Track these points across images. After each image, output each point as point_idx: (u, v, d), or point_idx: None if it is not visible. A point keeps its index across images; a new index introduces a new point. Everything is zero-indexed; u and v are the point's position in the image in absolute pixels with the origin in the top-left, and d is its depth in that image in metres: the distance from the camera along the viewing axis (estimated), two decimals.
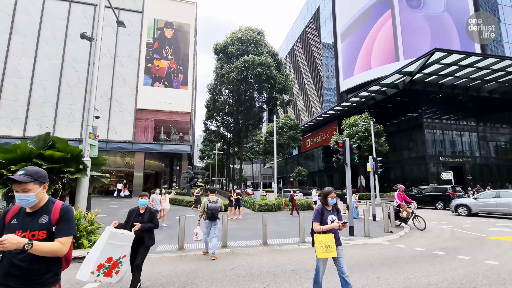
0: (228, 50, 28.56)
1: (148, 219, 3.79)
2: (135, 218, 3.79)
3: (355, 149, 7.78)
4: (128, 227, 3.62)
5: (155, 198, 9.48)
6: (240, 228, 9.12)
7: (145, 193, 4.10)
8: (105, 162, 7.83)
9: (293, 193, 13.74)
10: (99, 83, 22.69)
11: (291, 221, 11.11)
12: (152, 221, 3.81)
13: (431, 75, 25.65)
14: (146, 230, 3.68)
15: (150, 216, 3.85)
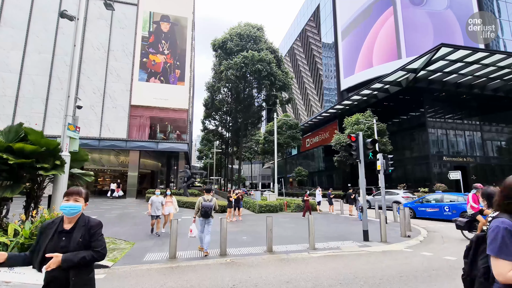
0: (227, 46, 27.73)
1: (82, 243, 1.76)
2: (53, 241, 1.73)
3: (369, 144, 6.96)
4: (35, 261, 1.68)
5: (155, 200, 7.56)
6: (241, 232, 8.26)
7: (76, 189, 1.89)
8: (88, 158, 6.94)
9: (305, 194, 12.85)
10: (91, 78, 21.84)
11: (295, 223, 10.27)
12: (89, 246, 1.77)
13: (436, 72, 25.00)
14: (74, 265, 1.66)
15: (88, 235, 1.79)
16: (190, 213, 13.37)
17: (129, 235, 7.69)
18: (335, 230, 8.53)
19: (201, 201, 5.69)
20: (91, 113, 20.18)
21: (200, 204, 5.67)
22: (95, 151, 22.91)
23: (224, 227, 5.46)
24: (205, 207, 5.62)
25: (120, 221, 10.47)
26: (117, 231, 8.42)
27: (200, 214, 5.70)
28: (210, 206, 5.66)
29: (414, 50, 30.08)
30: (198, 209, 5.73)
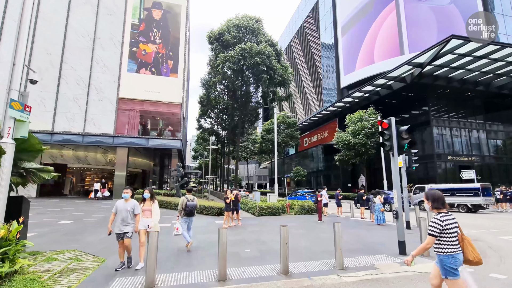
0: (223, 38, 26.17)
1: None
2: None
3: (405, 133, 5.55)
4: None
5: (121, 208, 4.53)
6: (242, 242, 6.75)
7: None
8: (42, 148, 5.33)
9: (318, 194, 11.37)
10: (75, 67, 20.04)
11: (305, 229, 8.81)
12: None
13: (442, 67, 23.96)
14: None
15: None
16: None
17: (103, 247, 6.12)
18: (357, 239, 7.10)
19: (185, 201, 5.92)
20: (74, 106, 18.41)
21: (185, 204, 5.91)
22: (79, 148, 21.11)
23: (223, 241, 3.94)
24: (190, 207, 5.92)
25: (98, 227, 8.85)
26: (91, 241, 6.83)
27: (185, 213, 5.94)
28: (195, 206, 6.02)
29: (417, 46, 29.09)
30: (182, 208, 5.95)
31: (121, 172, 19.16)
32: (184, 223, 5.99)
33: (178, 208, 6.06)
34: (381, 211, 9.63)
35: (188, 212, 5.91)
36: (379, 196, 9.87)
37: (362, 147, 24.41)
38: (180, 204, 5.98)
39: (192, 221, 6.18)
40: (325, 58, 43.10)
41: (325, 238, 7.19)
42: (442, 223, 2.50)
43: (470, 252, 2.50)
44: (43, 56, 18.55)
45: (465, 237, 2.57)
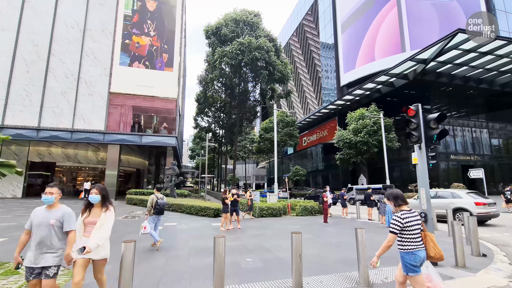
0: (221, 32, 25.30)
1: None
2: None
3: (433, 122, 4.73)
4: None
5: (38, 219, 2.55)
6: (242, 248, 5.87)
7: None
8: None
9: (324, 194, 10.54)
10: (63, 60, 18.99)
11: (310, 233, 7.96)
12: None
13: (446, 63, 23.37)
14: None
15: None
16: (179, 218, 10.88)
17: None
18: (372, 245, 6.26)
19: (155, 199, 5.82)
20: (62, 101, 17.35)
21: (155, 202, 5.80)
22: (69, 145, 20.02)
23: (220, 253, 3.05)
24: (161, 205, 5.85)
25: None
26: None
27: (155, 211, 5.81)
28: (165, 204, 6.00)
29: (419, 43, 28.53)
30: (152, 207, 5.80)
31: (113, 171, 18.13)
32: (153, 221, 5.81)
33: (147, 206, 5.87)
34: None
35: (158, 211, 5.79)
36: None
37: (364, 145, 23.69)
38: (149, 202, 5.79)
39: (160, 220, 6.07)
40: (324, 56, 42.41)
41: (336, 244, 6.35)
42: (402, 220, 2.52)
43: (431, 248, 2.54)
44: (30, 47, 17.48)
45: (428, 234, 2.59)
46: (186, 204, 12.80)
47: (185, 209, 12.71)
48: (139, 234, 5.71)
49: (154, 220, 5.86)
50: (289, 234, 7.61)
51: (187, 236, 7.30)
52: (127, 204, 15.90)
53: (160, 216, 5.99)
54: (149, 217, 5.79)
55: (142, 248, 5.90)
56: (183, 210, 12.78)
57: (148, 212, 5.82)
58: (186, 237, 7.17)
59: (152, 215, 5.81)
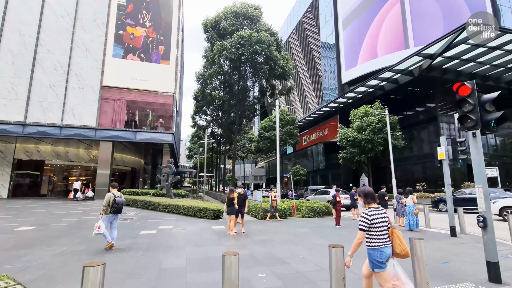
0: (220, 25, 24.32)
1: None
2: None
3: (490, 104, 3.79)
4: None
5: None
6: (250, 259, 4.89)
7: None
8: None
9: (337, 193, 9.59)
10: (52, 51, 17.88)
11: (324, 237, 7.00)
12: None
13: (452, 59, 22.62)
14: None
15: None
16: (175, 221, 9.86)
17: (47, 271, 4.19)
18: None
19: (112, 197, 5.50)
20: (50, 94, 16.22)
21: (112, 200, 5.49)
22: (59, 142, 18.86)
23: (231, 278, 2.06)
24: (120, 203, 5.58)
25: (62, 237, 6.89)
26: (38, 258, 4.89)
27: (112, 210, 5.51)
28: (123, 202, 5.69)
29: (423, 39, 27.83)
30: (108, 205, 5.50)
31: (105, 171, 17.00)
32: (108, 221, 5.49)
33: (103, 205, 5.52)
34: (415, 214, 7.90)
35: (116, 209, 5.48)
36: (412, 196, 8.15)
37: (369, 143, 22.82)
38: (106, 200, 5.45)
39: (117, 219, 5.71)
40: (324, 54, 41.61)
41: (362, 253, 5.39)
42: (369, 217, 2.56)
43: (397, 245, 2.59)
44: (16, 37, 16.32)
45: (395, 231, 2.66)
46: (183, 205, 11.79)
47: (182, 210, 11.70)
48: (92, 235, 5.27)
49: (110, 219, 5.52)
50: (301, 239, 6.67)
51: (184, 242, 6.32)
52: None
53: (117, 215, 5.66)
54: (105, 216, 5.43)
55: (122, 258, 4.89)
56: (180, 212, 11.78)
57: (104, 211, 5.45)
58: (183, 243, 6.18)
59: (108, 214, 5.45)
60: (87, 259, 4.76)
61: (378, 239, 2.55)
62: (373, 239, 2.58)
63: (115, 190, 5.79)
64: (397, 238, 2.62)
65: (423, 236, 7.19)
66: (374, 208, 2.63)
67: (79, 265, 4.44)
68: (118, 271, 4.14)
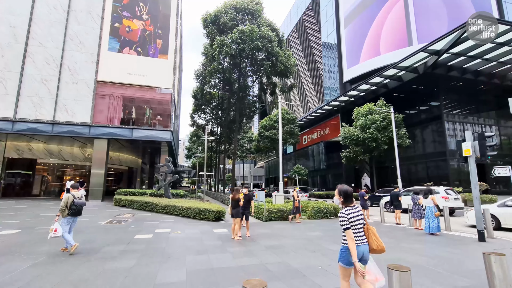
0: (220, 20, 23.58)
1: None
2: None
3: None
4: None
5: None
6: (262, 270, 4.18)
7: None
8: None
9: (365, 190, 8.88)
10: (44, 44, 17.06)
11: (338, 242, 6.29)
12: None
13: (459, 55, 22.06)
14: None
15: None
16: (173, 223, 9.12)
17: (21, 286, 3.47)
18: (435, 262, 4.67)
19: (71, 198, 5.09)
20: (42, 89, 15.41)
21: (70, 201, 5.08)
22: (52, 140, 18.03)
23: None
24: (80, 205, 5.18)
25: (47, 242, 6.15)
26: (8, 271, 4.14)
27: (71, 212, 5.09)
28: (84, 203, 5.30)
29: (426, 36, 27.29)
30: (67, 207, 5.08)
31: (99, 170, 16.17)
32: (67, 224, 5.17)
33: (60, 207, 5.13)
34: (436, 216, 7.23)
35: (75, 211, 5.14)
36: (432, 196, 7.47)
37: (373, 142, 22.20)
38: (64, 201, 5.12)
39: (76, 222, 5.42)
40: (325, 52, 40.99)
41: (399, 262, 4.70)
42: (348, 216, 2.61)
43: (373, 241, 2.64)
44: (5, 29, 15.50)
45: (370, 227, 2.72)
46: (182, 205, 11.07)
47: (181, 212, 10.98)
48: (48, 238, 4.96)
49: (68, 222, 5.18)
50: (314, 245, 5.97)
51: (183, 248, 5.60)
52: (115, 206, 14.07)
53: (76, 218, 5.31)
54: (63, 219, 5.12)
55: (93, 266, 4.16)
56: (179, 213, 11.05)
57: (61, 213, 5.12)
58: (182, 250, 5.46)
59: (66, 217, 5.11)
60: (67, 273, 4.03)
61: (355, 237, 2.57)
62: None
63: (76, 190, 5.40)
64: (373, 234, 2.67)
65: (448, 241, 6.52)
66: (350, 207, 2.68)
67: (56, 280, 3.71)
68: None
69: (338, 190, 2.84)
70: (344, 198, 2.74)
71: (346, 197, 2.73)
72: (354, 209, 2.69)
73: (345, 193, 2.75)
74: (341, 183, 3.16)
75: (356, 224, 2.61)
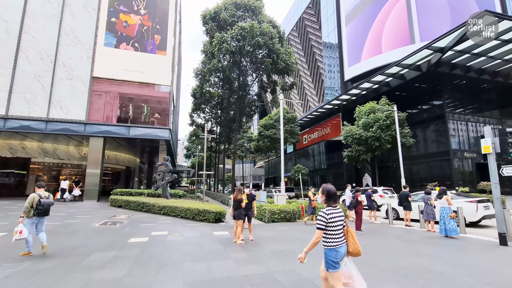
0: (220, 17, 23.08)
1: None
2: None
3: None
4: None
5: None
6: (270, 281, 3.69)
7: None
8: None
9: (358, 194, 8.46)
10: (38, 38, 16.52)
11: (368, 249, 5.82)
12: None
13: (463, 53, 21.63)
14: None
15: None
16: (171, 225, 8.60)
17: None
18: (461, 270, 4.20)
19: (36, 198, 4.88)
20: (35, 85, 14.86)
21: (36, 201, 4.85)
22: (46, 138, 17.47)
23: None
24: (46, 204, 4.93)
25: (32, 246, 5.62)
26: None
27: (36, 213, 4.86)
28: (51, 204, 5.03)
29: (429, 34, 26.92)
30: (32, 207, 4.86)
31: (95, 169, 15.61)
32: (31, 225, 4.91)
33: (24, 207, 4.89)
34: (452, 218, 6.76)
35: (41, 212, 4.90)
36: (447, 196, 7.00)
37: (376, 141, 21.75)
38: (28, 201, 4.88)
39: (44, 223, 5.11)
40: (326, 51, 40.56)
41: (412, 268, 4.22)
42: (327, 216, 2.55)
43: (351, 244, 2.61)
44: None
45: (350, 230, 2.67)
46: (181, 206, 10.56)
47: (179, 213, 10.48)
48: (12, 241, 4.71)
49: (33, 223, 4.92)
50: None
51: (181, 254, 5.10)
52: (110, 206, 13.55)
53: (43, 219, 5.04)
54: (27, 220, 4.86)
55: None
56: (177, 214, 10.55)
57: (26, 213, 4.84)
58: (179, 256, 4.97)
59: (32, 217, 4.86)
60: (47, 286, 3.52)
61: (334, 239, 2.54)
62: (329, 239, 2.56)
63: (42, 190, 5.16)
64: (351, 237, 2.64)
65: (468, 245, 6.04)
66: (331, 207, 2.63)
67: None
68: None
69: (322, 189, 2.80)
70: (326, 197, 2.70)
71: (328, 196, 2.68)
72: (335, 209, 2.63)
73: (328, 192, 2.69)
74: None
75: (336, 225, 2.55)
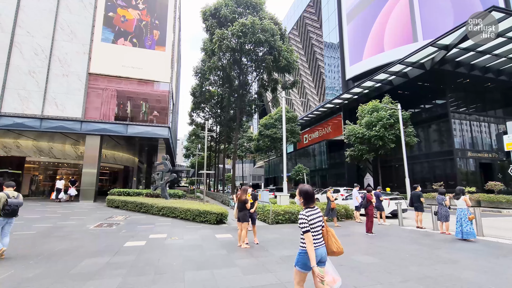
0: (220, 13, 22.62)
1: None
2: None
3: None
4: None
5: None
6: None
7: None
8: None
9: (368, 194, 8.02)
10: (32, 33, 16.02)
11: (369, 254, 5.38)
12: None
13: (468, 51, 21.29)
14: None
15: None
16: (170, 227, 8.14)
17: None
18: (493, 279, 3.78)
19: (4, 198, 4.62)
20: (30, 81, 14.36)
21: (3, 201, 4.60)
22: (41, 137, 16.95)
23: None
24: (15, 204, 4.67)
25: (21, 249, 5.18)
26: None
27: (3, 213, 4.62)
28: (19, 204, 4.77)
29: (432, 32, 26.57)
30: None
31: (91, 169, 15.10)
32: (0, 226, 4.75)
33: None
34: (470, 219, 6.34)
35: (8, 212, 4.66)
36: (465, 197, 6.57)
37: (380, 140, 21.34)
38: None
39: (11, 224, 4.92)
40: (327, 50, 40.16)
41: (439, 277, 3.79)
42: (308, 217, 2.50)
43: (333, 244, 2.59)
44: None
45: (329, 229, 2.65)
46: (180, 207, 10.11)
47: (179, 214, 10.02)
48: None
49: (1, 224, 4.73)
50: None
51: (181, 260, 4.65)
52: (107, 207, 13.07)
53: (11, 219, 4.84)
54: None
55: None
56: (177, 215, 10.09)
57: None
58: (179, 262, 4.52)
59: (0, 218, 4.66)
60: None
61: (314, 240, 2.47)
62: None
63: (10, 189, 4.92)
64: (332, 236, 2.62)
65: (490, 249, 5.61)
66: (310, 208, 2.57)
67: None
68: None
69: (299, 190, 2.70)
70: (304, 198, 2.59)
71: (306, 198, 2.58)
72: (314, 210, 2.56)
73: (305, 193, 2.59)
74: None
75: (315, 226, 2.50)
